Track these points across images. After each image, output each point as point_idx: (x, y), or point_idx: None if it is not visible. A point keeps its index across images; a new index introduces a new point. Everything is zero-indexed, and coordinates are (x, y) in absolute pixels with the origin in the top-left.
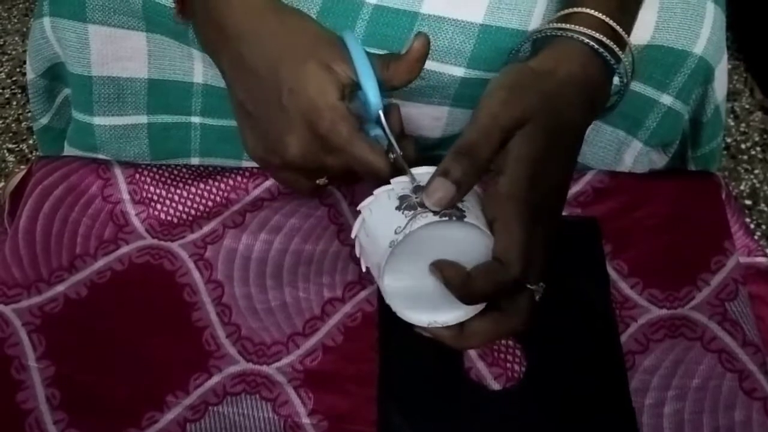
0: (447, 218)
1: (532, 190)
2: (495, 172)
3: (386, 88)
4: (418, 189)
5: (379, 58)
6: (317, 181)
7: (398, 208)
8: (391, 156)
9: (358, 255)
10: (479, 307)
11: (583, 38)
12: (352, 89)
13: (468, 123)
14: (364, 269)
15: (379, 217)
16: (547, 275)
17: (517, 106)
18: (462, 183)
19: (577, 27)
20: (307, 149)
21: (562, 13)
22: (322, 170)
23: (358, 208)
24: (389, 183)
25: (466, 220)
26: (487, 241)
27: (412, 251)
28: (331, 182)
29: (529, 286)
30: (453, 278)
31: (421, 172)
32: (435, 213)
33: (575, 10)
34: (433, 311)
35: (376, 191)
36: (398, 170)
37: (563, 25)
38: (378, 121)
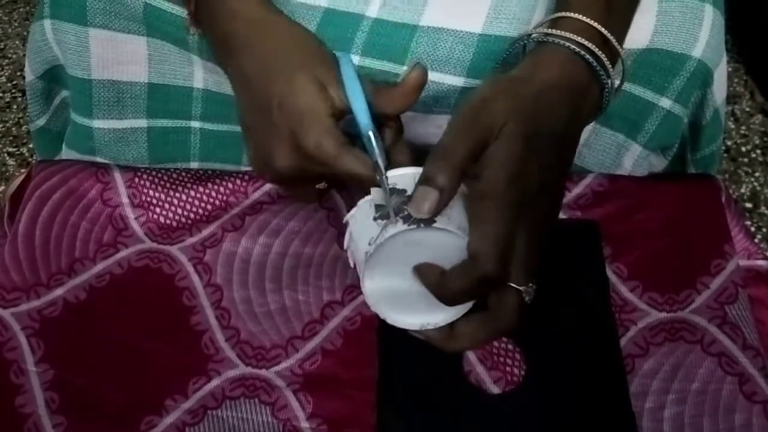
0: (415, 225)
1: (509, 189)
2: (475, 174)
3: (379, 115)
4: (393, 193)
5: (373, 84)
6: (317, 186)
7: (375, 218)
8: (377, 178)
9: (352, 266)
10: (467, 306)
11: (566, 43)
12: (343, 112)
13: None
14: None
15: (360, 228)
16: (537, 277)
17: (489, 112)
18: (444, 187)
19: (560, 32)
20: (295, 163)
21: (550, 17)
22: (315, 179)
23: (344, 221)
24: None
25: (434, 225)
26: (461, 242)
27: (389, 260)
28: (330, 186)
29: (515, 285)
30: (429, 278)
31: (399, 174)
32: (404, 221)
33: (562, 14)
34: (422, 313)
35: (359, 202)
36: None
37: (548, 31)
38: (368, 144)
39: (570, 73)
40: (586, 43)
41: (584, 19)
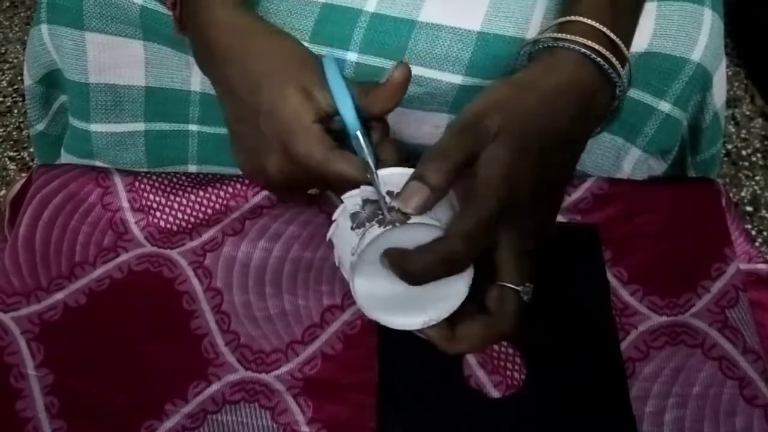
0: (391, 226)
1: (500, 188)
2: (470, 174)
3: (366, 116)
4: (366, 203)
5: (359, 85)
6: (309, 191)
7: (352, 227)
8: (368, 176)
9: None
10: (460, 298)
11: (575, 47)
12: (331, 115)
13: (444, 131)
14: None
15: (341, 240)
16: (534, 278)
17: (488, 116)
18: (435, 186)
19: (569, 36)
20: (286, 170)
21: (557, 21)
22: (307, 187)
23: (327, 239)
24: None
25: (410, 221)
26: (439, 232)
27: (374, 265)
28: (322, 192)
29: (511, 285)
30: (393, 259)
31: (387, 173)
32: (380, 225)
33: (569, 18)
34: (416, 312)
35: (335, 215)
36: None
37: (556, 35)
38: (357, 143)
39: (580, 77)
40: (595, 45)
41: (592, 23)
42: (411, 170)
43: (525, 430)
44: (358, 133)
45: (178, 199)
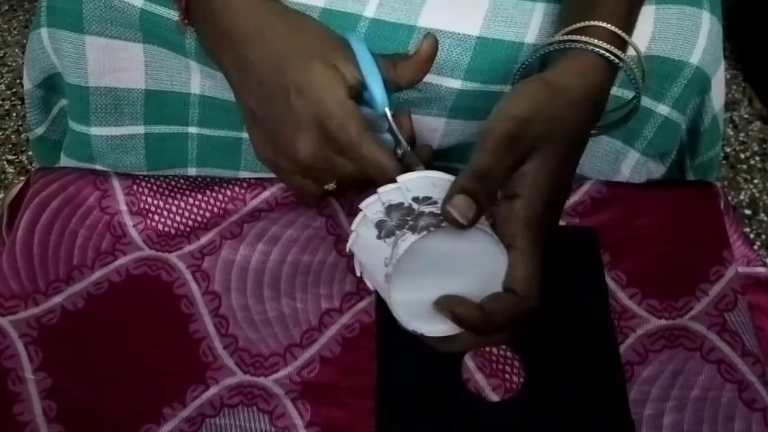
0: (426, 231)
1: (547, 211)
2: (510, 193)
3: (392, 88)
4: (390, 209)
5: (386, 58)
6: (326, 187)
7: (379, 237)
8: (399, 152)
9: (372, 289)
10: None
11: (602, 51)
12: (358, 91)
13: (481, 140)
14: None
15: (367, 252)
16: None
17: (532, 129)
18: (482, 204)
19: (595, 41)
20: (318, 148)
21: (578, 26)
22: (332, 172)
23: (347, 250)
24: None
25: (444, 224)
26: (481, 234)
27: (410, 272)
28: (339, 188)
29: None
30: (468, 317)
31: (408, 179)
32: (413, 231)
33: (591, 23)
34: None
35: (354, 224)
36: (407, 168)
37: (581, 38)
38: (385, 119)
39: (603, 82)
40: (618, 52)
41: (612, 28)
42: (431, 173)
43: None
44: (387, 110)
45: (176, 202)
